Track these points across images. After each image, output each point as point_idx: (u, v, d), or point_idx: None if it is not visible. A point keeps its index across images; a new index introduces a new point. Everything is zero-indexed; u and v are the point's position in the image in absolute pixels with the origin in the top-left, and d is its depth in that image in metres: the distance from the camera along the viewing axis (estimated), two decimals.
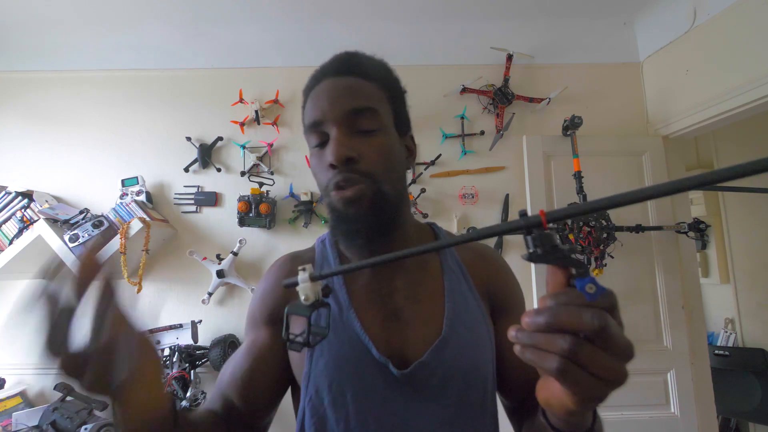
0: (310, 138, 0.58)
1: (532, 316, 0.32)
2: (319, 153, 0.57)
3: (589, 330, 0.30)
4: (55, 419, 1.50)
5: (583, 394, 0.31)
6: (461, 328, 0.56)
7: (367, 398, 0.52)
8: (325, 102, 0.55)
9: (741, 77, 1.53)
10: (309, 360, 0.55)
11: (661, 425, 1.69)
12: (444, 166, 1.93)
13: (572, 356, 0.30)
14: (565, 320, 0.30)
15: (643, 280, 1.79)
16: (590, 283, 0.31)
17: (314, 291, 0.40)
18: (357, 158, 0.53)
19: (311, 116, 0.56)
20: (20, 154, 1.94)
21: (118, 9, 1.75)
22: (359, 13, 1.83)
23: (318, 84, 0.58)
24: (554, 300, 0.32)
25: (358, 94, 0.55)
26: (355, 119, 0.54)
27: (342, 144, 0.53)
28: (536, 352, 0.31)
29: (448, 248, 0.65)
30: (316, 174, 0.59)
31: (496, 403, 0.60)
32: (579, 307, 0.30)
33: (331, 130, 0.54)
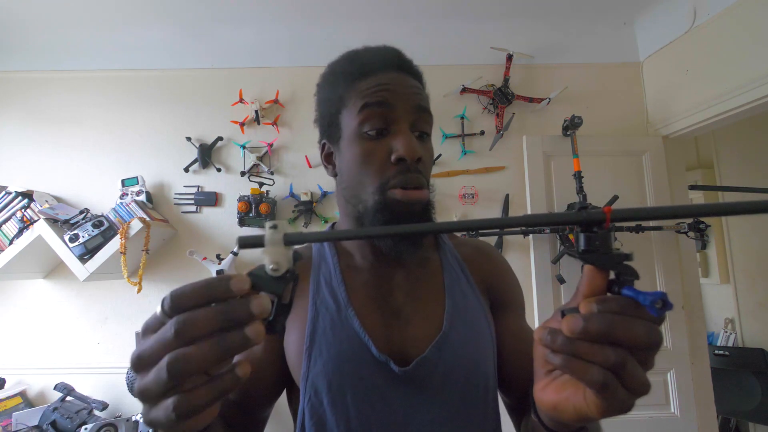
0: (366, 124, 0.53)
1: (580, 322, 0.29)
2: (374, 143, 0.53)
3: (645, 346, 0.28)
4: (55, 419, 1.50)
5: (614, 406, 0.30)
6: (461, 324, 0.56)
7: (368, 398, 0.52)
8: (399, 93, 0.53)
9: (741, 77, 1.53)
10: (307, 359, 0.54)
11: (661, 425, 1.69)
12: (444, 166, 1.93)
13: (618, 370, 0.28)
14: (622, 331, 0.28)
15: (643, 280, 1.77)
16: (660, 300, 0.28)
17: (286, 258, 0.31)
18: (422, 160, 0.54)
19: (377, 96, 0.53)
20: (20, 154, 1.94)
21: (118, 9, 1.75)
22: (359, 13, 1.83)
23: (383, 72, 0.55)
24: (603, 307, 0.29)
25: (422, 95, 0.56)
26: (419, 120, 0.54)
27: (415, 141, 0.52)
28: (576, 361, 0.29)
29: (448, 246, 0.65)
30: (362, 165, 0.54)
31: (498, 399, 0.60)
32: (635, 320, 0.29)
33: (399, 124, 0.53)
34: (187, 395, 0.28)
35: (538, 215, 0.30)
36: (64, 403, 1.58)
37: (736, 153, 2.63)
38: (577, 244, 0.31)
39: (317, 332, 0.55)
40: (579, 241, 0.30)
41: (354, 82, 0.55)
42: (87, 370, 1.77)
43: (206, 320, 0.28)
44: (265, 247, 0.31)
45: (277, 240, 0.31)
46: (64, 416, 1.50)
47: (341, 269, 0.60)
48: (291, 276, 0.32)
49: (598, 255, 0.30)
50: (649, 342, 0.28)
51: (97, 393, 1.72)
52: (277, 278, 0.31)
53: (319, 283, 0.59)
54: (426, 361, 0.53)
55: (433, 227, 0.36)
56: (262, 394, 0.59)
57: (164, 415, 0.28)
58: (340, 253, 0.62)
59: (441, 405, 0.53)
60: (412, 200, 0.52)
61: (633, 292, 0.29)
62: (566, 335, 0.30)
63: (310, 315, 0.56)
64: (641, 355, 0.29)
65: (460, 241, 0.68)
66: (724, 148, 2.67)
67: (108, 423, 1.46)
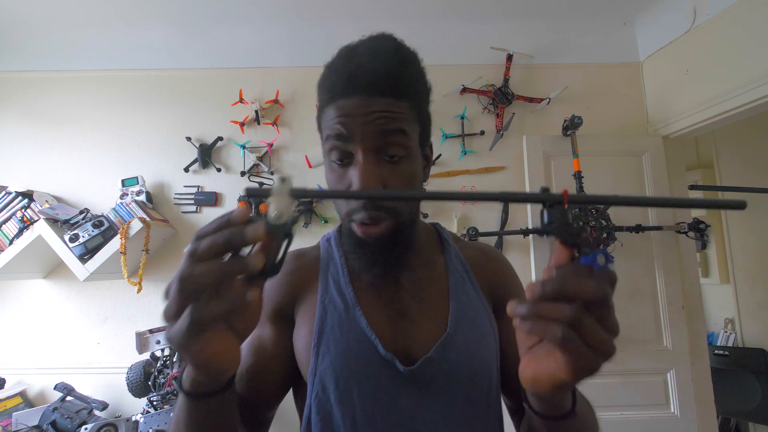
0: (332, 152, 0.53)
1: (539, 285, 0.32)
2: (340, 171, 0.53)
3: (595, 298, 0.31)
4: (55, 419, 1.50)
5: (579, 363, 0.32)
6: (466, 325, 0.57)
7: (374, 395, 0.53)
8: (355, 124, 0.50)
9: (741, 77, 1.53)
10: (315, 356, 0.55)
11: (661, 425, 1.69)
12: (444, 166, 1.93)
13: (576, 323, 0.31)
14: (573, 287, 0.31)
15: (643, 280, 1.79)
16: (601, 254, 0.32)
17: (288, 209, 0.35)
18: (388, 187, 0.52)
19: (334, 129, 0.51)
20: (20, 154, 1.94)
21: (118, 9, 1.75)
22: (359, 13, 1.83)
23: (345, 98, 0.51)
24: (560, 270, 0.33)
25: (390, 120, 0.51)
26: (383, 144, 0.51)
27: (371, 173, 0.50)
28: (539, 320, 0.32)
29: (453, 249, 0.66)
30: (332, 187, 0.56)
31: (501, 400, 0.60)
32: (586, 277, 0.32)
33: (357, 154, 0.51)
34: (201, 304, 0.32)
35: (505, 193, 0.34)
36: (64, 403, 1.58)
37: (736, 153, 2.63)
38: (541, 221, 0.35)
39: (325, 329, 0.56)
40: (543, 216, 0.35)
41: (324, 106, 0.54)
42: (87, 370, 1.77)
43: (209, 244, 0.33)
44: (272, 196, 0.35)
45: (284, 191, 0.34)
46: (64, 416, 1.50)
47: (349, 270, 0.61)
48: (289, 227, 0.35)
49: (557, 228, 0.34)
50: (597, 294, 0.31)
51: (97, 393, 1.72)
52: (277, 225, 0.34)
53: (328, 282, 0.60)
54: (431, 361, 0.53)
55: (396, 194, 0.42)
56: (270, 389, 0.59)
57: (180, 326, 0.33)
58: (348, 255, 0.63)
59: (445, 404, 0.54)
60: (370, 236, 0.53)
61: (587, 259, 0.33)
62: (529, 300, 0.33)
63: (319, 312, 0.57)
64: (597, 312, 0.31)
65: (464, 244, 0.70)
66: (724, 148, 2.67)
67: (108, 423, 1.46)
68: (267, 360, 0.58)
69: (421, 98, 0.57)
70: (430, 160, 0.63)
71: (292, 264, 0.64)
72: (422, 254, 0.63)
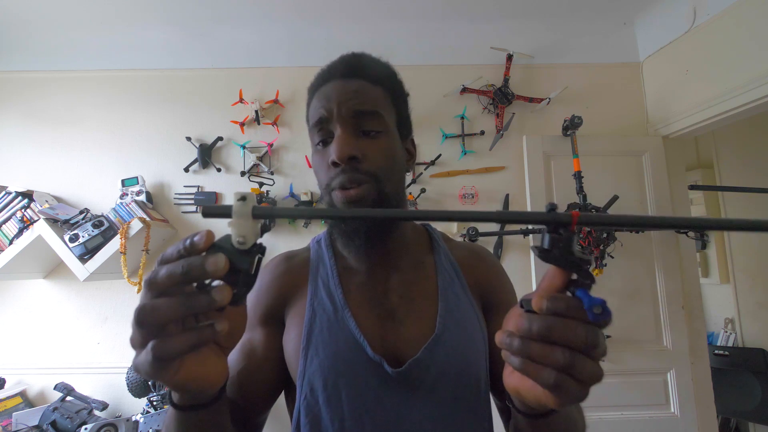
0: (314, 136, 0.58)
1: (527, 324, 0.31)
2: (322, 151, 0.57)
3: (582, 348, 0.30)
4: (55, 419, 1.50)
5: (569, 398, 0.31)
6: (454, 326, 0.57)
7: (362, 397, 0.53)
8: (332, 102, 0.55)
9: (741, 77, 1.53)
10: (303, 358, 0.55)
11: (661, 425, 1.69)
12: (444, 166, 1.93)
13: (568, 370, 0.30)
14: (561, 336, 0.30)
15: (643, 280, 1.79)
16: (599, 306, 0.30)
17: (253, 231, 0.31)
18: (360, 158, 0.54)
19: (317, 114, 0.56)
20: (20, 154, 1.94)
21: (118, 9, 1.75)
22: (359, 13, 1.83)
23: (325, 84, 0.58)
24: (552, 305, 0.31)
25: (364, 97, 0.56)
26: (359, 121, 0.55)
27: (346, 143, 0.53)
28: (529, 363, 0.31)
29: (443, 249, 0.66)
30: (317, 172, 0.59)
31: (490, 400, 0.61)
32: (577, 324, 0.30)
33: (335, 129, 0.55)
34: (164, 340, 0.31)
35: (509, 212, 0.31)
36: (64, 403, 1.58)
37: (736, 153, 2.63)
38: (541, 243, 0.32)
39: (314, 332, 0.56)
40: (543, 240, 0.31)
41: (310, 101, 0.60)
42: (87, 370, 1.77)
43: (167, 275, 0.31)
44: (232, 218, 0.31)
45: (245, 212, 0.30)
46: (64, 416, 1.50)
47: (338, 271, 0.61)
48: (257, 249, 0.32)
49: (560, 256, 0.31)
50: (586, 344, 0.30)
51: (97, 393, 1.72)
52: (243, 251, 0.31)
53: (317, 284, 0.60)
54: (418, 363, 0.54)
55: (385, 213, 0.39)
56: (261, 393, 0.59)
57: (144, 358, 0.31)
58: (338, 255, 0.63)
59: (433, 405, 0.54)
60: (350, 199, 0.53)
61: (584, 295, 0.30)
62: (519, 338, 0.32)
63: (308, 315, 0.57)
64: (587, 353, 0.31)
65: (455, 244, 0.70)
66: (724, 148, 2.67)
67: (108, 423, 1.46)
68: (257, 364, 0.58)
69: (395, 89, 0.61)
70: (413, 155, 0.66)
71: (282, 267, 0.64)
72: (411, 254, 0.64)
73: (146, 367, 0.31)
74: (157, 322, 0.31)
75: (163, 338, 0.31)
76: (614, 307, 1.35)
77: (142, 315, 0.31)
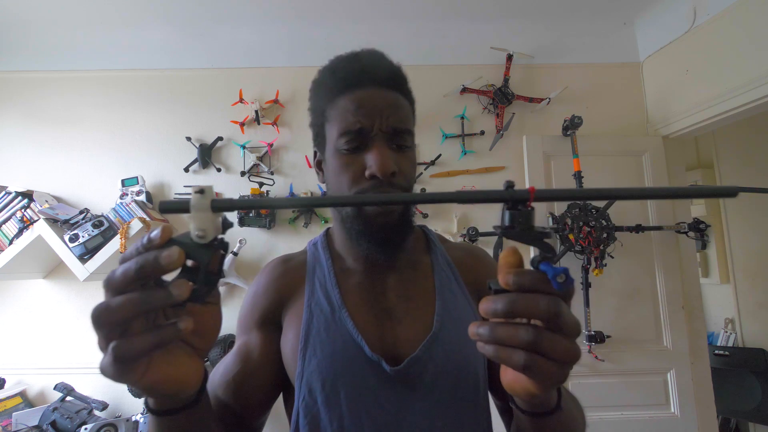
0: (341, 141, 0.55)
1: (490, 304, 0.31)
2: (349, 158, 0.55)
3: (546, 317, 0.30)
4: (55, 419, 1.50)
5: (545, 380, 0.31)
6: (452, 324, 0.57)
7: (361, 396, 0.53)
8: (374, 114, 0.54)
9: (741, 77, 1.53)
10: (301, 359, 0.55)
11: (661, 425, 1.69)
12: (444, 166, 1.93)
13: (536, 347, 0.30)
14: (524, 309, 0.30)
15: (643, 280, 1.79)
16: (562, 274, 0.30)
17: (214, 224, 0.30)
18: (397, 173, 0.55)
19: (355, 123, 0.54)
20: (20, 154, 1.94)
21: (118, 9, 1.75)
22: (359, 13, 1.83)
23: (361, 88, 0.56)
24: (518, 279, 0.31)
25: (401, 114, 0.57)
26: (396, 137, 0.56)
27: (389, 158, 0.54)
28: (500, 348, 0.31)
29: (439, 249, 0.67)
30: (339, 175, 0.56)
31: (489, 398, 0.61)
32: (538, 296, 0.30)
33: (374, 142, 0.54)
34: (124, 340, 0.30)
35: (464, 192, 0.32)
36: (64, 403, 1.58)
37: (736, 153, 2.63)
38: (501, 221, 0.32)
39: (311, 333, 0.56)
40: (504, 218, 0.32)
41: (335, 97, 0.57)
42: (87, 370, 1.77)
43: (122, 273, 0.30)
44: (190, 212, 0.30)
45: (204, 205, 0.29)
46: (64, 416, 1.50)
47: (335, 272, 0.61)
48: (219, 244, 0.31)
49: (521, 231, 0.31)
50: (549, 313, 0.30)
51: (97, 393, 1.72)
52: (202, 246, 0.30)
53: (314, 285, 0.60)
54: (417, 361, 0.54)
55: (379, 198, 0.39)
56: (258, 397, 0.59)
57: (107, 360, 0.31)
58: (335, 257, 0.64)
59: (432, 404, 0.54)
60: (387, 211, 0.55)
61: (547, 267, 0.31)
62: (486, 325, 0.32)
63: (305, 316, 0.57)
64: (555, 327, 0.30)
65: (451, 245, 0.70)
66: (724, 148, 2.67)
67: (108, 423, 1.46)
68: (254, 367, 0.58)
69: (413, 100, 0.62)
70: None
71: (278, 269, 0.64)
72: (408, 254, 0.64)
73: (110, 369, 0.31)
74: (113, 321, 0.30)
75: (124, 338, 0.30)
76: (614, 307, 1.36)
77: (97, 315, 0.30)
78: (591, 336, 1.67)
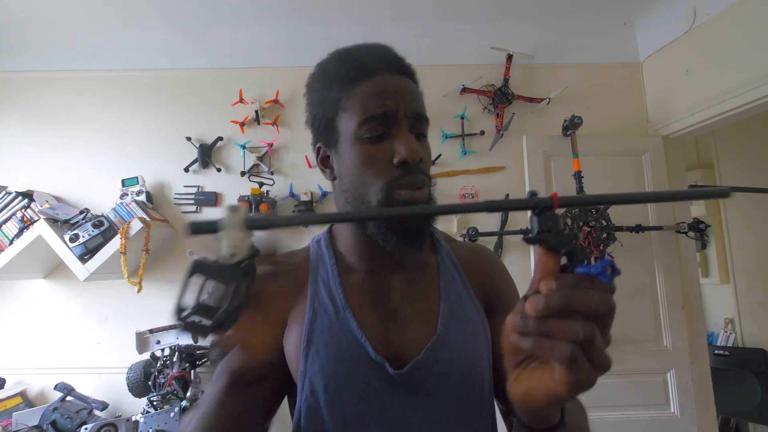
0: (363, 128, 0.53)
1: (542, 300, 0.30)
2: (374, 147, 0.53)
3: (604, 312, 0.30)
4: (55, 419, 1.50)
5: (579, 380, 0.31)
6: (457, 326, 0.56)
7: (364, 399, 0.52)
8: (398, 98, 0.53)
9: (741, 77, 1.53)
10: (304, 359, 0.54)
11: (661, 425, 1.69)
12: (444, 166, 1.93)
13: (586, 343, 0.29)
14: (580, 303, 0.29)
15: (643, 280, 1.79)
16: (609, 266, 0.30)
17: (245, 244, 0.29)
18: (423, 160, 0.55)
19: (380, 107, 0.52)
20: (20, 154, 1.94)
21: (118, 9, 1.75)
22: (359, 13, 1.83)
23: (381, 75, 0.54)
24: (560, 282, 0.30)
25: (420, 100, 0.57)
26: (417, 123, 0.55)
27: (416, 144, 0.53)
28: (543, 340, 0.30)
29: (445, 249, 0.65)
30: (364, 167, 0.53)
31: (494, 402, 0.59)
32: (590, 290, 0.30)
33: (400, 127, 0.53)
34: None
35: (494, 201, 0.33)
36: (64, 403, 1.58)
37: (736, 153, 2.63)
38: (531, 228, 0.33)
39: (315, 333, 0.55)
40: (532, 224, 0.33)
41: (351, 85, 0.54)
42: (87, 370, 1.77)
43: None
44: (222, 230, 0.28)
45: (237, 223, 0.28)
46: (64, 416, 1.50)
47: (339, 271, 0.60)
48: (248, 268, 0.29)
49: (551, 235, 0.32)
50: (606, 308, 0.30)
51: (97, 393, 1.72)
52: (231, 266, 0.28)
53: (318, 285, 0.59)
54: (421, 364, 0.53)
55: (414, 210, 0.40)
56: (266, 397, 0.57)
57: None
58: (338, 256, 0.62)
59: (436, 407, 0.53)
60: (417, 199, 0.53)
61: (585, 268, 0.31)
62: (533, 316, 0.31)
63: (308, 316, 0.56)
64: (600, 326, 0.30)
65: (457, 244, 0.69)
66: (724, 148, 2.67)
67: (108, 423, 1.46)
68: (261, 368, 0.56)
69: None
70: None
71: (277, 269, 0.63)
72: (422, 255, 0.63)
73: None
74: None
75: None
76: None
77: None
78: None
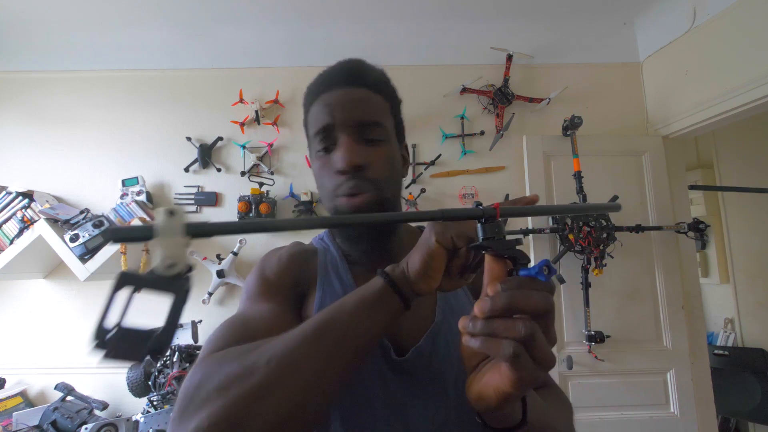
0: (315, 143, 0.58)
1: (489, 303, 0.33)
2: (325, 158, 0.58)
3: (543, 310, 0.33)
4: (56, 419, 1.51)
5: (524, 378, 0.33)
6: (452, 315, 0.59)
7: (367, 385, 0.53)
8: (336, 110, 0.56)
9: (741, 77, 1.53)
10: None
11: (661, 425, 1.69)
12: (444, 166, 1.93)
13: (527, 340, 0.32)
14: (522, 303, 0.33)
15: (643, 280, 1.79)
16: (545, 266, 0.34)
17: (182, 253, 0.24)
18: (365, 166, 0.55)
19: (321, 121, 0.57)
20: (20, 154, 1.94)
21: (118, 9, 1.75)
22: (359, 14, 1.83)
23: (327, 91, 0.58)
24: (505, 285, 0.34)
25: (368, 107, 0.58)
26: (364, 130, 0.57)
27: (352, 151, 0.54)
28: (489, 340, 0.33)
29: None
30: (320, 178, 0.59)
31: None
32: (531, 291, 0.33)
33: (339, 137, 0.56)
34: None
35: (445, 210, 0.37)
36: (64, 402, 1.58)
37: (736, 153, 2.63)
38: (477, 236, 0.37)
39: None
40: (479, 232, 0.37)
41: (309, 106, 0.61)
42: (87, 370, 1.77)
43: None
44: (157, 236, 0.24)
45: (174, 228, 0.24)
46: (65, 416, 1.50)
47: (346, 259, 0.63)
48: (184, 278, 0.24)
49: (495, 241, 0.36)
50: (545, 306, 0.33)
51: (97, 393, 1.72)
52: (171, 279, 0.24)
53: (327, 267, 0.62)
54: (421, 350, 0.55)
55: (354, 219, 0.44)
56: None
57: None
58: (342, 249, 0.65)
59: (436, 393, 0.54)
60: (354, 205, 0.55)
61: (527, 271, 0.35)
62: (481, 318, 0.34)
63: (318, 295, 0.58)
64: (542, 325, 0.33)
65: None
66: (724, 148, 2.67)
67: (108, 423, 1.46)
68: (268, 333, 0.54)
69: (393, 98, 0.63)
70: (407, 160, 0.68)
71: (295, 248, 0.66)
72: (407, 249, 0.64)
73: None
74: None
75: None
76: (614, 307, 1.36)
77: None
78: (591, 336, 1.66)
